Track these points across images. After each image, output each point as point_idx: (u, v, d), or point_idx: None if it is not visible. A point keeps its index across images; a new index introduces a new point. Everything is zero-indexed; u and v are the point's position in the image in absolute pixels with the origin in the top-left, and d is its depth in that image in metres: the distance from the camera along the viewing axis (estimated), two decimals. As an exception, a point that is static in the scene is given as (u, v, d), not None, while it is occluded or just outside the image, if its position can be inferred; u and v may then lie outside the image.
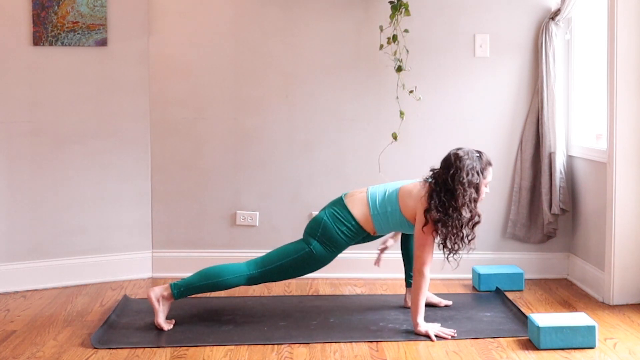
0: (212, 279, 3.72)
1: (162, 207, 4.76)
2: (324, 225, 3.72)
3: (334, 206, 3.79)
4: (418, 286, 3.60)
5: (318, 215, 3.80)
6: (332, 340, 3.53)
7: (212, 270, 3.75)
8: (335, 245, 3.74)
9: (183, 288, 3.72)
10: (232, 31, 4.71)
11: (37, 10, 4.45)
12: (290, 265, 3.73)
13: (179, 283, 3.74)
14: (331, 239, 3.72)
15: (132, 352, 3.42)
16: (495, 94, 4.68)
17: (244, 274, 3.73)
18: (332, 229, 3.71)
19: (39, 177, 4.52)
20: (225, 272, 3.73)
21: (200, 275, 3.76)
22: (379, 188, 3.81)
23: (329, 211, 3.76)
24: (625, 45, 3.99)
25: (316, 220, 3.77)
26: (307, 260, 3.72)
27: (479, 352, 3.39)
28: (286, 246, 3.79)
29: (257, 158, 4.74)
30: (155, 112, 4.73)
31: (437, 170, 3.65)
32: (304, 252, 3.72)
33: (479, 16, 4.65)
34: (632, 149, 4.03)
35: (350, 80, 4.70)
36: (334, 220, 3.72)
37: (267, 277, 3.77)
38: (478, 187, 3.61)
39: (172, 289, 3.72)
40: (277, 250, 3.79)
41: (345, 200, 3.78)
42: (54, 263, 4.55)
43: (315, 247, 3.71)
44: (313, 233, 3.74)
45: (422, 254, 3.60)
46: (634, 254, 4.07)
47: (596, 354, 3.34)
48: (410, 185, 3.75)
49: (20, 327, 3.78)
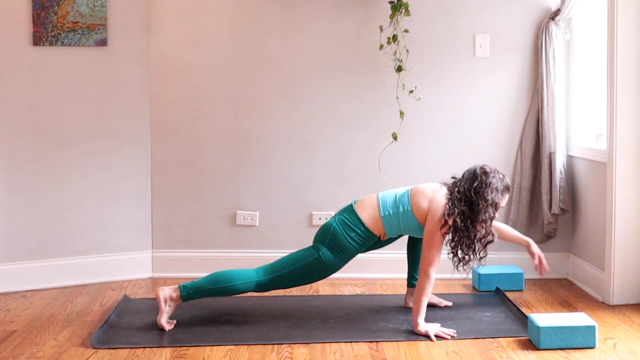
0: (222, 284, 3.71)
1: (162, 207, 4.76)
2: (333, 231, 3.72)
3: (343, 213, 3.80)
4: (422, 286, 3.60)
5: (328, 222, 3.81)
6: (332, 340, 3.53)
7: (222, 275, 3.74)
8: (345, 252, 3.73)
9: (192, 291, 3.71)
10: (232, 31, 4.71)
11: (37, 10, 4.45)
12: (300, 272, 3.72)
13: (188, 285, 3.73)
14: (340, 246, 3.72)
15: (132, 352, 3.42)
16: (495, 94, 4.68)
17: (254, 280, 3.72)
18: (341, 236, 3.71)
19: (39, 177, 4.52)
20: (235, 278, 3.72)
21: (210, 279, 3.74)
22: (390, 192, 3.83)
23: (339, 218, 3.77)
24: (625, 45, 3.99)
25: (325, 227, 3.78)
26: (316, 267, 3.72)
27: (479, 352, 3.39)
28: (296, 253, 3.79)
29: (257, 158, 4.74)
30: (155, 112, 4.73)
31: (460, 179, 3.68)
32: (313, 259, 3.71)
33: (479, 16, 4.65)
34: (632, 149, 4.03)
35: (350, 80, 4.70)
36: (343, 227, 3.73)
37: (277, 284, 3.76)
38: (497, 207, 3.64)
39: (181, 291, 3.71)
40: (286, 257, 3.78)
41: (355, 207, 3.79)
42: (54, 263, 4.55)
43: (325, 253, 3.71)
44: (322, 240, 3.74)
45: (430, 254, 3.61)
46: (634, 254, 4.07)
47: (596, 354, 3.34)
48: (422, 186, 3.77)
49: (20, 327, 3.78)
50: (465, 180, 3.64)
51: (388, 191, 3.85)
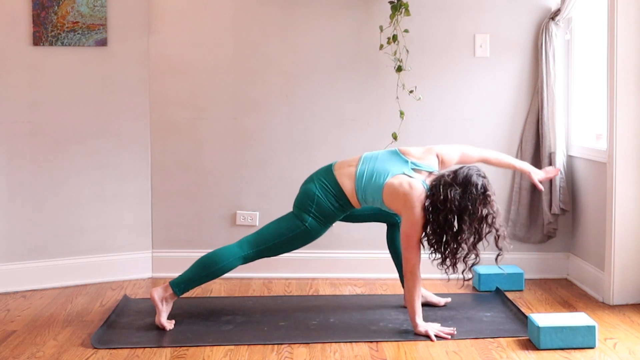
0: (209, 269, 3.72)
1: (162, 207, 4.76)
2: (317, 201, 3.68)
3: (324, 178, 3.72)
4: (413, 287, 3.58)
5: (308, 187, 3.73)
6: (332, 340, 3.53)
7: (207, 260, 3.75)
8: (329, 219, 3.72)
9: (183, 285, 3.73)
10: (232, 31, 4.71)
11: (37, 10, 4.45)
12: (286, 242, 3.73)
13: (177, 281, 3.74)
14: (325, 214, 3.69)
15: (132, 352, 3.42)
16: (495, 94, 4.68)
17: (239, 256, 3.73)
18: (325, 204, 3.68)
19: (39, 177, 4.52)
20: (220, 259, 3.72)
21: (196, 268, 3.75)
22: (368, 166, 3.67)
23: (320, 184, 3.71)
24: (625, 45, 3.99)
25: (307, 194, 3.72)
26: (302, 236, 3.72)
27: (479, 352, 3.39)
28: (279, 223, 3.75)
29: (257, 158, 4.74)
30: (155, 112, 4.73)
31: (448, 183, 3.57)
32: (299, 231, 3.70)
33: (479, 16, 4.65)
34: (632, 149, 4.03)
35: (350, 80, 4.70)
36: (326, 195, 3.68)
37: (262, 255, 3.77)
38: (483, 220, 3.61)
39: (173, 288, 3.72)
40: (269, 228, 3.75)
41: (335, 173, 3.71)
42: (54, 263, 4.55)
43: (311, 223, 3.69)
44: (306, 209, 3.70)
45: (411, 254, 3.55)
46: (634, 254, 4.07)
47: (596, 354, 3.34)
48: (395, 183, 3.57)
49: (20, 327, 3.78)
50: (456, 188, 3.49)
51: (367, 163, 3.68)
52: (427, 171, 3.66)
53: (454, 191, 3.47)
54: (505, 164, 3.98)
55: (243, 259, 3.74)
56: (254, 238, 3.76)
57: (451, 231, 3.50)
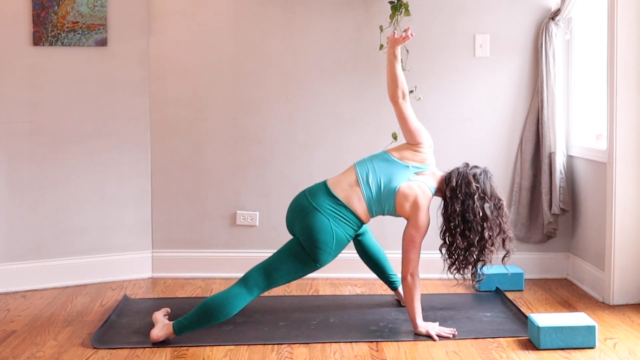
0: (219, 318, 3.48)
1: (162, 207, 4.76)
2: (337, 237, 3.52)
3: (331, 205, 3.55)
4: (414, 288, 3.58)
5: (320, 221, 3.51)
6: (332, 340, 3.54)
7: (216, 309, 3.47)
8: (343, 247, 3.60)
9: (187, 331, 3.50)
10: (232, 31, 4.71)
11: (37, 10, 4.45)
12: (298, 278, 3.58)
13: (180, 326, 3.50)
14: (341, 246, 3.58)
15: (132, 352, 3.42)
16: (495, 94, 4.68)
17: (250, 299, 3.52)
18: (343, 236, 3.55)
19: (39, 177, 4.52)
20: (230, 309, 3.48)
21: (203, 315, 3.48)
22: (371, 179, 3.60)
23: (331, 215, 3.53)
24: (625, 45, 3.99)
25: (323, 231, 3.50)
26: (313, 270, 3.57)
27: (479, 352, 3.39)
28: (293, 264, 3.52)
29: (257, 158, 4.74)
30: (155, 112, 4.73)
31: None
32: (314, 268, 3.55)
33: (479, 16, 4.65)
34: (632, 149, 4.03)
35: (350, 80, 4.70)
36: (342, 226, 3.55)
37: (272, 288, 3.60)
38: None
39: (174, 330, 3.51)
40: (281, 272, 3.53)
41: (339, 195, 3.56)
42: (54, 263, 4.55)
43: (326, 260, 3.54)
44: (323, 248, 3.51)
45: (413, 256, 3.57)
46: (634, 254, 4.07)
47: (596, 354, 3.34)
48: (406, 190, 3.58)
49: (20, 327, 3.78)
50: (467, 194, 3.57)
51: (365, 171, 3.62)
52: (428, 172, 3.67)
53: (476, 203, 3.57)
54: (392, 72, 3.73)
55: (255, 298, 3.54)
56: (265, 283, 3.52)
57: (472, 239, 3.57)
